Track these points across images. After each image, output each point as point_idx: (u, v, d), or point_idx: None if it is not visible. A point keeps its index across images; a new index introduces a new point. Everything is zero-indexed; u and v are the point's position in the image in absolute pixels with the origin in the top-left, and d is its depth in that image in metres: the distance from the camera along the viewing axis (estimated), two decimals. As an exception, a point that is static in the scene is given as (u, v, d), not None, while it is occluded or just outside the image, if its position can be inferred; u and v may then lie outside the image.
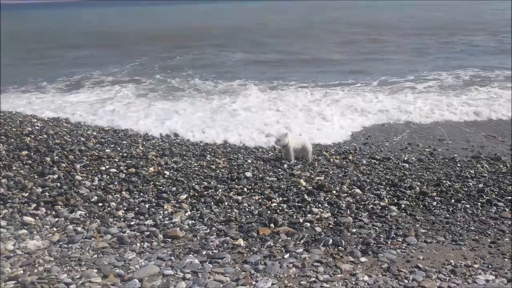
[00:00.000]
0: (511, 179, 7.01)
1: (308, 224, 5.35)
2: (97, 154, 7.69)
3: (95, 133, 9.47)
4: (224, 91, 15.38)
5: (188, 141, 9.75)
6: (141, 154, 8.06)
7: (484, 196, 6.32)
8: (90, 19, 65.75)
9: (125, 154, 7.90)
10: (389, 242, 4.92)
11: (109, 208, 5.72)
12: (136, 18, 62.97)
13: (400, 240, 4.98)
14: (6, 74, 17.58)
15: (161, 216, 5.53)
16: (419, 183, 6.90)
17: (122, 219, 5.43)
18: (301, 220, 5.46)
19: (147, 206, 5.81)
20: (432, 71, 18.12)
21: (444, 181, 6.94)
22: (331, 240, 4.87)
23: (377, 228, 5.32)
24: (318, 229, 5.23)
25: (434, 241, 4.99)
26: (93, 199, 5.92)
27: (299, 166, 7.77)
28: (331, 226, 5.35)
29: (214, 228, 5.22)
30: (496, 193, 6.47)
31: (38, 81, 17.75)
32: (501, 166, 7.83)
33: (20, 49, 27.82)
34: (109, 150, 8.10)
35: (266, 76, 17.93)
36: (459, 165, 8.00)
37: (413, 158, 8.46)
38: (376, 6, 70.61)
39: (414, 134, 10.79)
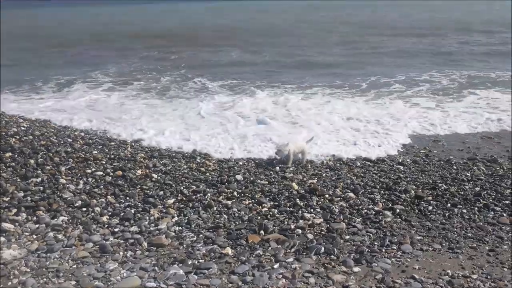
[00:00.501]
0: (508, 182, 6.83)
1: (300, 231, 5.15)
2: (83, 156, 7.46)
3: (82, 134, 9.24)
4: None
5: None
6: (130, 156, 7.83)
7: (481, 200, 6.13)
8: (82, 17, 64.98)
9: (112, 156, 7.67)
10: (384, 250, 4.74)
11: (93, 214, 5.50)
12: (131, 17, 62.37)
13: (395, 248, 4.79)
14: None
15: (146, 222, 5.32)
16: (414, 187, 6.71)
17: (106, 225, 5.22)
18: (292, 227, 5.26)
19: (133, 212, 5.61)
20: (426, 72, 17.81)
21: (440, 184, 6.75)
22: (323, 248, 4.68)
23: (371, 235, 5.12)
24: (310, 236, 5.04)
25: (430, 249, 4.80)
26: (77, 204, 5.71)
27: (291, 169, 7.56)
28: (323, 232, 5.16)
29: (201, 235, 5.01)
30: (493, 197, 6.29)
31: (31, 79, 17.33)
32: (497, 168, 7.64)
33: (14, 48, 27.30)
34: (96, 152, 7.87)
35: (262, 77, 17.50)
36: (455, 167, 7.81)
37: (408, 160, 8.27)
38: (369, 6, 70.31)
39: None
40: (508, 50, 22.40)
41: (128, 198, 6.03)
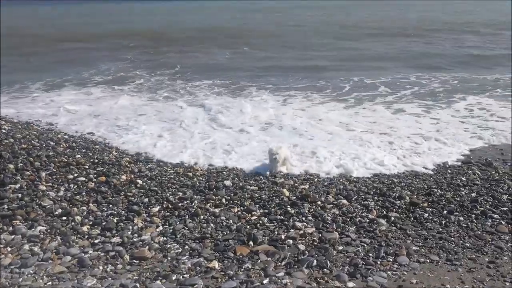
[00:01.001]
0: (505, 188, 6.63)
1: (291, 241, 4.90)
2: (66, 160, 7.15)
3: (66, 137, 8.92)
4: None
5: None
6: (114, 160, 7.54)
7: (478, 207, 5.92)
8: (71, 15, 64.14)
9: (96, 161, 7.37)
10: (379, 263, 4.50)
11: (73, 223, 5.22)
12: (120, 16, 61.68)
13: (391, 259, 4.55)
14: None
15: (129, 232, 5.05)
16: (409, 192, 6.49)
17: (86, 236, 4.94)
18: (283, 237, 5.01)
19: (115, 221, 5.33)
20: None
21: (435, 190, 6.54)
22: (315, 261, 4.43)
23: (365, 245, 4.89)
24: (302, 247, 4.79)
25: (428, 261, 4.57)
26: (56, 213, 5.42)
27: (282, 173, 7.31)
28: (315, 243, 4.91)
29: (187, 247, 4.75)
30: (490, 203, 6.08)
31: (19, 79, 16.90)
32: (493, 172, 7.45)
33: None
34: (79, 156, 7.56)
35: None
36: (449, 171, 7.62)
37: (401, 164, 8.06)
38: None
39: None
40: (498, 53, 22.31)
41: (111, 205, 5.75)
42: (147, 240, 4.87)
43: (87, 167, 7.02)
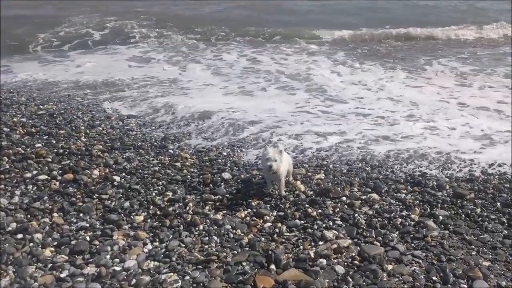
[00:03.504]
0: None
1: (324, 262, 3.71)
2: (23, 151, 5.76)
3: (24, 120, 7.42)
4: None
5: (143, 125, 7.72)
6: (83, 148, 6.17)
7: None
8: None
9: (61, 150, 5.99)
10: (450, 292, 3.36)
11: (31, 244, 3.90)
12: None
13: (465, 286, 3.41)
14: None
15: (108, 256, 3.77)
16: (446, 179, 5.37)
17: (49, 265, 3.64)
18: (312, 254, 3.81)
19: (88, 238, 4.03)
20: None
21: (477, 174, 5.42)
22: (366, 296, 3.26)
23: (420, 262, 3.74)
24: (340, 270, 3.61)
25: (511, 284, 3.45)
26: (9, 228, 4.09)
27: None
28: (356, 262, 3.73)
29: (188, 278, 3.50)
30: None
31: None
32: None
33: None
34: (40, 145, 6.16)
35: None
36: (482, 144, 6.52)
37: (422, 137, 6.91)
38: None
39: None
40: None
41: (81, 215, 4.44)
42: (133, 269, 3.60)
43: (49, 160, 5.65)
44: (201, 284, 3.41)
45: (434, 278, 3.49)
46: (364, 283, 3.39)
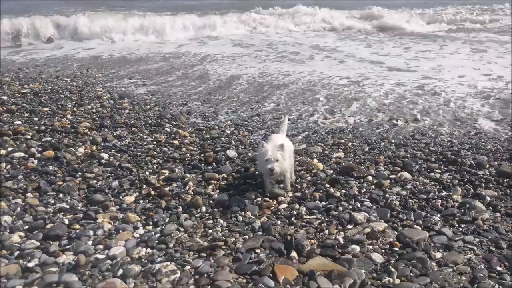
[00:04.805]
0: None
1: (357, 248, 2.99)
2: (-1, 129, 5.05)
3: (5, 98, 6.67)
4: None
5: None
6: (69, 126, 5.45)
7: None
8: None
9: (43, 127, 5.28)
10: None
11: (-2, 228, 3.19)
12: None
13: (542, 278, 2.70)
14: None
15: (90, 243, 3.05)
16: (485, 157, 4.68)
17: (16, 253, 2.92)
18: (341, 239, 3.10)
19: (67, 221, 3.32)
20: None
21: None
22: (416, 288, 2.55)
23: (475, 249, 3.02)
24: (378, 258, 2.89)
25: None
26: (-26, 210, 3.38)
27: (300, 138, 5.39)
28: (395, 249, 3.02)
29: (188, 268, 2.78)
30: None
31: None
32: None
33: None
34: (19, 122, 5.44)
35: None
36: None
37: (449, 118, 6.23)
38: None
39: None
40: None
41: (61, 195, 3.73)
42: (120, 257, 2.88)
43: (28, 137, 4.94)
44: (206, 275, 2.68)
45: (498, 268, 2.77)
46: (411, 274, 2.68)
